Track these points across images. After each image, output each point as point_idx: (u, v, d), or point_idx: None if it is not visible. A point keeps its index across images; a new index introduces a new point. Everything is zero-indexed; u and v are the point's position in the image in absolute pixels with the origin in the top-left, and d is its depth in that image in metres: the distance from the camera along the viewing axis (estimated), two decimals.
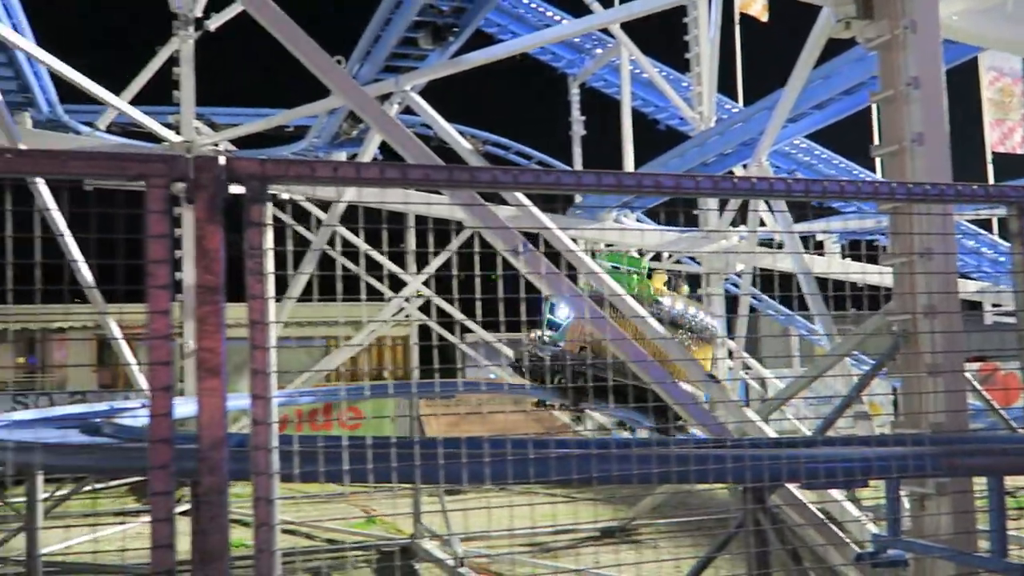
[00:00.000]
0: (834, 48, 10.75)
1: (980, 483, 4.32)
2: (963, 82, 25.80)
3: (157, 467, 2.60)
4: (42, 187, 10.53)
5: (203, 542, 2.60)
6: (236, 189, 2.52)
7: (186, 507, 2.97)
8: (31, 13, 13.50)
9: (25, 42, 12.48)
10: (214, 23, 15.41)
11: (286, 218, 15.03)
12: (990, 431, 7.45)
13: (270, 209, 2.57)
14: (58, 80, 13.97)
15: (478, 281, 3.64)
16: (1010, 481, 5.29)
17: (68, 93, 14.71)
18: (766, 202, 12.24)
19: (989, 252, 19.46)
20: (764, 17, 21.45)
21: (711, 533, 10.23)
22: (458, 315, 18.55)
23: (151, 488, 2.62)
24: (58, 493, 9.97)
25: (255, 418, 2.64)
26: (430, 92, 14.60)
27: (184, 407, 2.88)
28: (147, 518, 2.59)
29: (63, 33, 19.47)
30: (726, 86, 19.75)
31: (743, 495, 4.66)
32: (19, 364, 21.73)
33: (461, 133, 16.31)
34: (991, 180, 24.38)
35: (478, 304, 3.61)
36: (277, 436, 2.74)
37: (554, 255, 7.53)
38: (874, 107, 7.70)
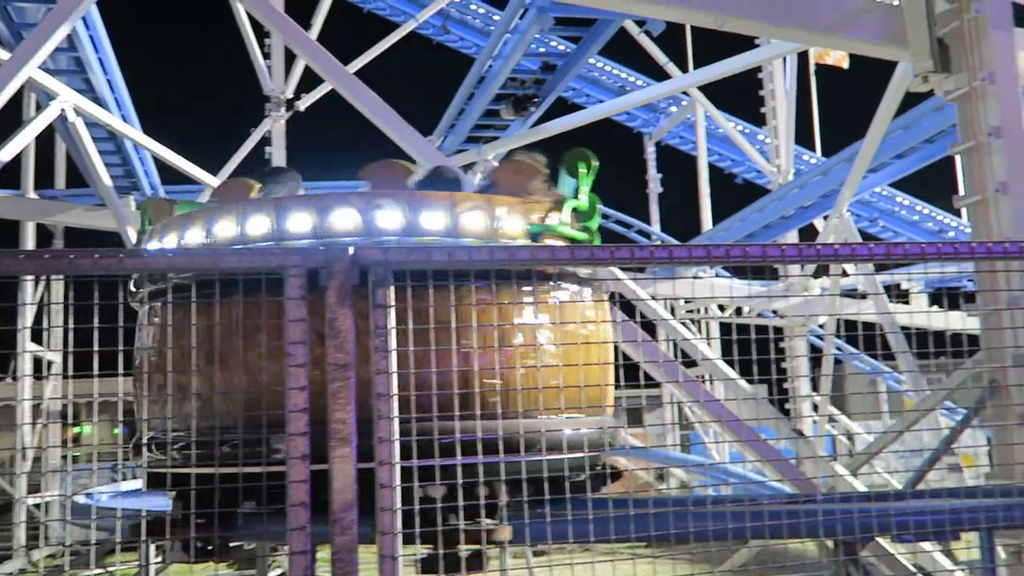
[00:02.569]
0: (914, 96, 10.81)
1: None
2: None
3: (295, 528, 2.88)
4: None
5: None
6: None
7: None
8: (136, 102, 14.45)
9: (132, 130, 13.35)
10: (304, 103, 16.20)
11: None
12: None
13: (392, 290, 2.87)
14: (160, 164, 14.84)
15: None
16: None
17: (169, 175, 15.60)
18: None
19: None
20: (845, 64, 21.46)
21: None
22: None
23: (290, 548, 2.90)
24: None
25: (381, 482, 2.91)
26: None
27: None
28: None
29: (164, 119, 20.61)
30: (803, 137, 19.81)
31: (834, 549, 4.73)
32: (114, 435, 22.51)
33: None
34: None
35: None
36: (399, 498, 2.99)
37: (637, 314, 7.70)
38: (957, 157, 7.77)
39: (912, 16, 7.15)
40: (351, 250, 2.75)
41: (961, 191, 7.37)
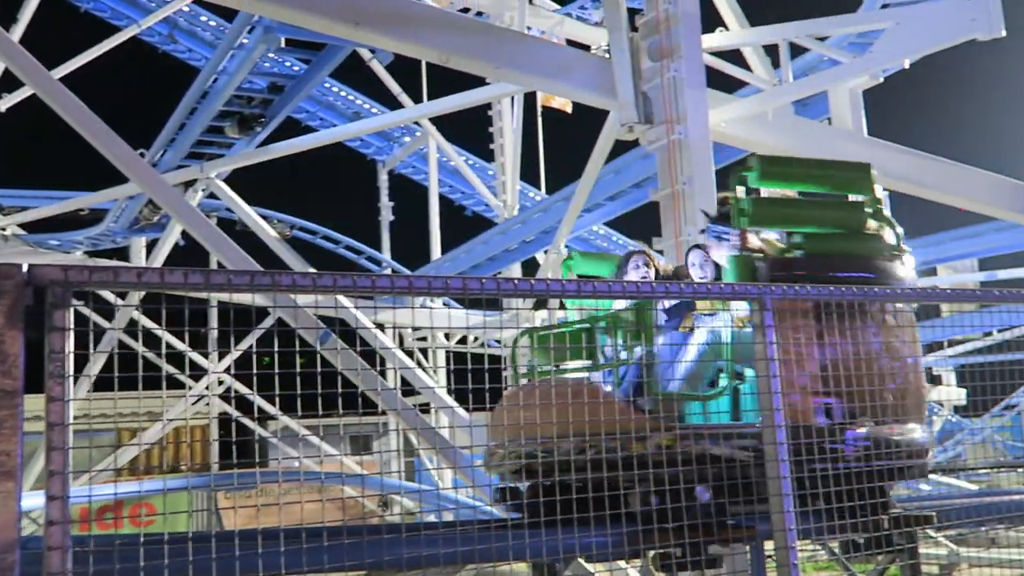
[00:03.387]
0: (630, 142, 11.65)
1: None
2: None
3: None
4: None
5: None
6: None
7: None
8: None
9: None
10: (5, 104, 14.78)
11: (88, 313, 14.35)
12: None
13: (71, 313, 2.65)
14: None
15: (276, 367, 3.76)
16: None
17: None
18: None
19: None
20: (568, 108, 22.80)
21: None
22: (263, 404, 18.15)
23: None
24: None
25: (51, 518, 2.66)
26: (238, 175, 14.48)
27: None
28: None
29: None
30: (530, 174, 20.77)
31: (540, 570, 4.92)
32: None
33: (267, 218, 16.24)
34: None
35: (276, 392, 3.71)
36: (70, 536, 2.75)
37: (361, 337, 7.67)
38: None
39: (620, 70, 7.71)
40: (24, 266, 2.52)
41: (663, 233, 8.01)
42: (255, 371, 3.55)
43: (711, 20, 9.42)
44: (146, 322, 15.02)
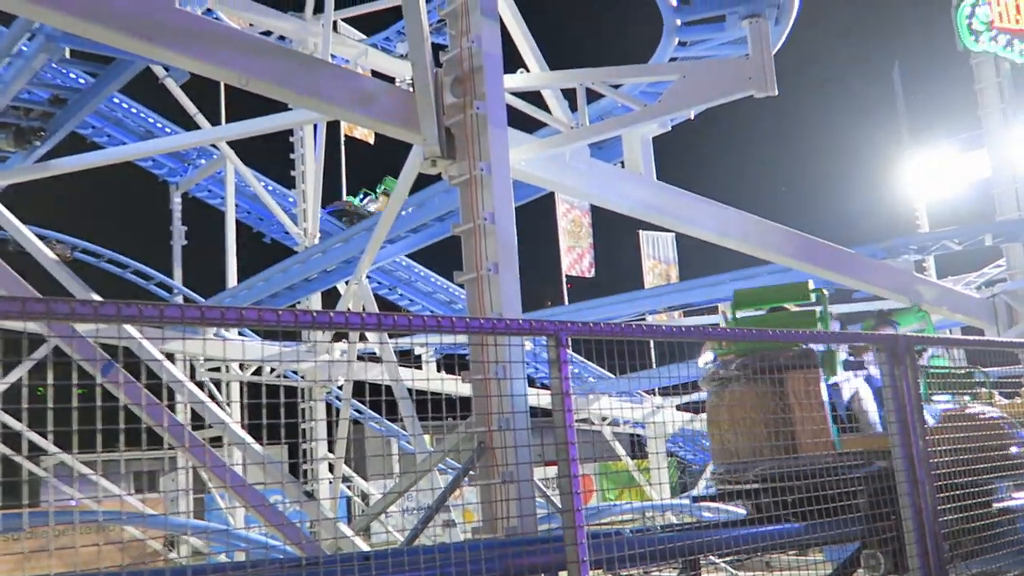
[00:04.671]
0: (433, 176, 11.75)
1: None
2: (544, 213, 29.12)
3: None
4: None
5: None
6: None
7: None
8: None
9: None
10: None
11: None
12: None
13: None
14: None
15: (50, 399, 3.50)
16: None
17: None
18: None
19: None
20: (371, 139, 22.77)
21: None
22: (35, 438, 16.74)
23: None
24: None
25: None
26: (13, 191, 13.38)
27: None
28: None
29: None
30: (331, 202, 20.48)
31: None
32: None
33: (44, 238, 15.14)
34: (566, 299, 27.50)
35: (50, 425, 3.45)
36: None
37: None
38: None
39: (423, 104, 7.77)
40: None
41: (464, 267, 8.08)
42: (25, 404, 3.31)
43: (512, 61, 9.69)
44: None
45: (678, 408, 21.30)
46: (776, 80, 8.74)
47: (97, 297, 10.11)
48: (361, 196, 20.71)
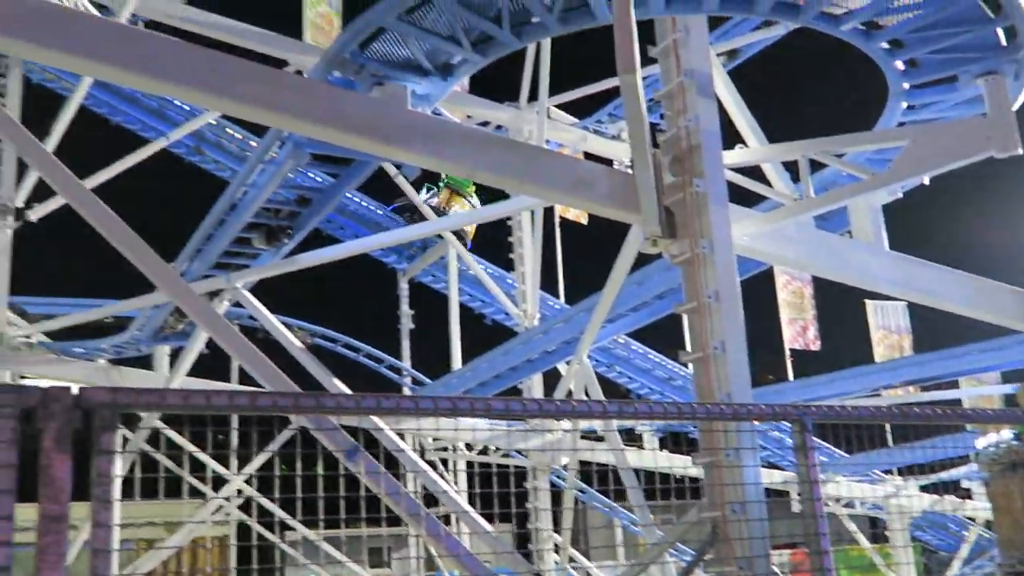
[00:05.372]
0: (650, 255, 11.77)
1: None
2: (764, 285, 28.36)
3: None
4: None
5: None
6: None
7: None
8: None
9: None
10: (36, 213, 15.08)
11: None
12: None
13: (120, 435, 2.66)
14: None
15: (299, 480, 3.72)
16: None
17: None
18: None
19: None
20: (584, 219, 23.20)
21: None
22: (280, 513, 17.87)
23: None
24: None
25: None
26: (263, 284, 14.60)
27: None
28: None
29: None
30: (549, 283, 20.95)
31: None
32: None
33: (289, 326, 16.33)
34: (791, 374, 26.42)
35: (298, 502, 3.67)
36: None
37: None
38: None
39: (643, 185, 7.83)
40: (74, 389, 2.54)
41: (688, 347, 7.98)
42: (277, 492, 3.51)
43: (729, 136, 9.61)
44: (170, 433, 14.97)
45: (922, 489, 19.77)
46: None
47: (338, 382, 10.76)
48: (425, 190, 20.49)
